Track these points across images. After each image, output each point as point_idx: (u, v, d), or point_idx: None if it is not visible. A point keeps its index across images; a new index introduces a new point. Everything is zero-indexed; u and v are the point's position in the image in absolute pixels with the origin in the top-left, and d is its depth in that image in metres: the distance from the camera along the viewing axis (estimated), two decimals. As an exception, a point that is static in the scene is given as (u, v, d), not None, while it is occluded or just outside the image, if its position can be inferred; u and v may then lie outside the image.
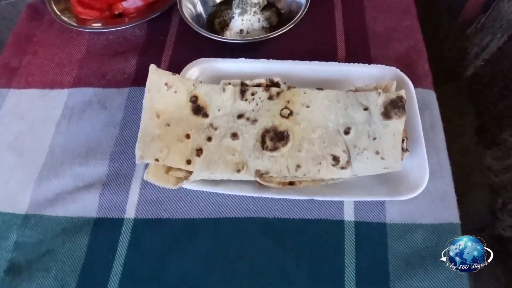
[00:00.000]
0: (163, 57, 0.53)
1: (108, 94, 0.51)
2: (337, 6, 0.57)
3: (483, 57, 0.95)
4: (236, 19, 0.48)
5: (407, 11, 0.56)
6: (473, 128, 0.99)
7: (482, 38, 0.94)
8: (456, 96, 1.07)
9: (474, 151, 0.96)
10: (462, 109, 1.04)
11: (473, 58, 0.98)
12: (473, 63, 0.98)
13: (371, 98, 0.40)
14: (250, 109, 0.42)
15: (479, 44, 0.95)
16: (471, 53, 0.98)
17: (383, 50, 0.52)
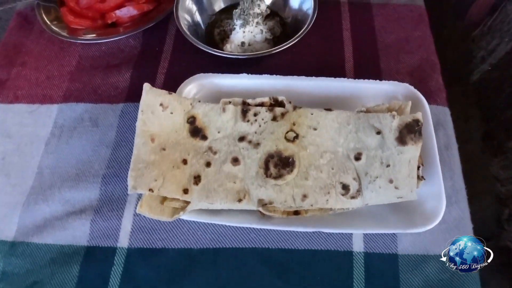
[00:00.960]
0: (159, 69, 0.50)
1: (100, 110, 0.47)
2: (344, 15, 0.53)
3: (490, 62, 0.92)
4: (237, 31, 0.45)
5: (419, 20, 0.53)
6: (480, 134, 0.96)
7: (489, 41, 0.91)
8: (462, 100, 1.03)
9: (480, 158, 0.93)
10: (468, 114, 1.01)
11: (480, 62, 0.95)
12: (480, 67, 0.94)
13: (385, 121, 0.37)
14: (253, 131, 0.39)
15: (485, 48, 0.92)
16: (477, 57, 0.95)
17: (394, 63, 0.49)
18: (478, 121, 0.97)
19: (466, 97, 0.99)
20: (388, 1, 0.55)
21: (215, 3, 0.52)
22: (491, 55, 0.90)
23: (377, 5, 0.54)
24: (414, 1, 0.55)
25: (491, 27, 0.90)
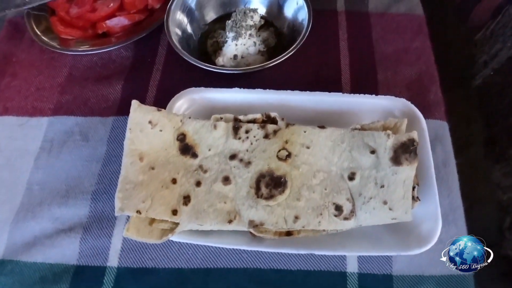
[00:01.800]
0: (151, 81, 0.49)
1: (90, 124, 0.47)
2: (341, 25, 0.52)
3: (493, 66, 0.90)
4: (229, 44, 0.43)
5: (418, 30, 0.52)
6: (481, 139, 0.95)
7: (492, 45, 0.89)
8: (464, 104, 1.02)
9: (481, 163, 0.92)
10: (469, 118, 0.99)
11: (482, 67, 0.93)
12: (482, 72, 0.93)
13: (379, 139, 0.36)
14: (244, 149, 0.38)
15: (488, 52, 0.90)
16: (480, 61, 0.93)
17: (392, 75, 0.48)
18: (480, 126, 0.96)
19: (468, 102, 0.97)
20: (386, 10, 0.53)
21: (207, 14, 0.51)
22: (494, 59, 0.88)
23: (375, 14, 0.53)
24: (413, 10, 0.53)
25: (493, 31, 0.88)
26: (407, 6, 0.54)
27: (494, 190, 0.87)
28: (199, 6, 0.49)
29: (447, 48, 0.96)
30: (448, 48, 0.98)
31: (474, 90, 0.95)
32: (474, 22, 0.93)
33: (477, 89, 0.95)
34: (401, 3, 0.54)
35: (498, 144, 0.86)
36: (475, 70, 0.95)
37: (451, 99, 0.53)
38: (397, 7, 0.54)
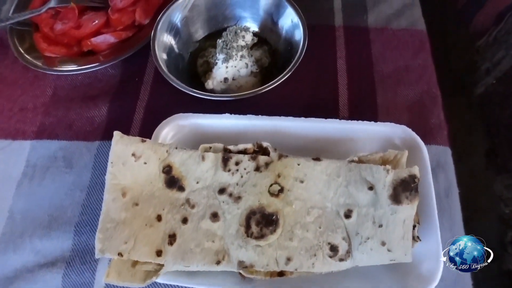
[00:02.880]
0: (139, 103, 0.47)
1: (74, 148, 0.44)
2: (339, 41, 0.49)
3: (495, 75, 0.88)
4: (219, 67, 0.41)
5: (420, 47, 0.49)
6: (483, 149, 0.93)
7: (494, 53, 0.86)
8: (465, 111, 1.00)
9: (482, 174, 0.90)
10: (471, 126, 0.97)
11: (484, 74, 0.91)
12: (484, 80, 0.91)
13: (378, 175, 0.34)
14: (234, 182, 0.36)
15: (490, 59, 0.88)
16: (482, 68, 0.91)
17: (392, 96, 0.45)
18: (481, 134, 0.94)
19: (469, 109, 0.95)
20: (386, 24, 0.51)
21: (197, 32, 0.48)
22: (496, 67, 0.86)
23: (374, 30, 0.50)
24: (415, 25, 0.51)
25: (496, 37, 0.85)
26: (408, 21, 0.51)
27: (496, 202, 0.85)
28: (187, 24, 0.46)
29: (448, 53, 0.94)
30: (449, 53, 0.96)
31: (475, 98, 0.93)
32: (476, 28, 0.90)
33: (479, 98, 0.93)
34: (402, 17, 0.51)
35: (500, 156, 0.84)
36: (477, 78, 0.93)
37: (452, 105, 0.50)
38: (397, 22, 0.51)
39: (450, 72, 0.97)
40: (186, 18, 0.45)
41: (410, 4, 0.52)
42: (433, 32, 0.55)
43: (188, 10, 0.45)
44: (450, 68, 0.99)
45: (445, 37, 1.02)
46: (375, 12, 0.52)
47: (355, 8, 0.52)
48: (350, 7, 0.52)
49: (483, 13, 0.88)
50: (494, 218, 0.88)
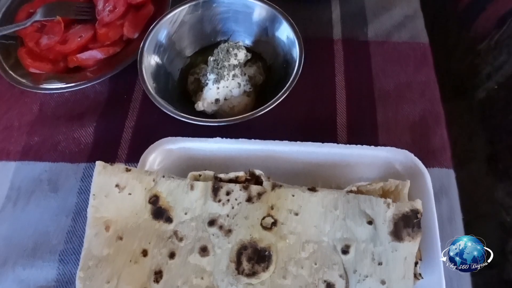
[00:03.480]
0: (127, 122, 0.44)
1: (60, 171, 0.42)
2: (337, 56, 0.47)
3: (497, 80, 0.85)
4: (210, 87, 0.39)
5: (423, 61, 0.46)
6: (484, 155, 0.91)
7: (496, 57, 0.84)
8: (465, 115, 0.98)
9: (483, 180, 0.88)
10: (471, 130, 0.95)
11: (486, 78, 0.88)
12: (486, 84, 0.88)
13: (378, 208, 0.32)
14: (225, 213, 0.34)
15: (492, 63, 0.86)
16: (483, 72, 0.89)
17: (393, 115, 0.43)
18: (482, 140, 0.92)
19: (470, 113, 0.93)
20: (387, 37, 0.48)
21: (187, 47, 0.45)
22: (498, 72, 0.84)
23: (374, 43, 0.48)
24: (417, 38, 0.48)
25: (498, 41, 0.83)
26: (410, 33, 0.49)
27: (497, 210, 0.83)
28: (177, 40, 0.44)
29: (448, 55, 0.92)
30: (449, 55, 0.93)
31: (477, 103, 0.90)
32: (478, 31, 0.88)
33: (480, 103, 0.90)
34: (404, 29, 0.49)
35: (501, 162, 0.82)
36: (478, 82, 0.90)
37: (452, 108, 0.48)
38: (399, 34, 0.49)
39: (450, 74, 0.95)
40: (175, 34, 0.43)
41: (412, 15, 0.50)
42: (433, 33, 0.52)
43: (177, 26, 0.42)
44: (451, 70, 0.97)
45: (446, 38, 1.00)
46: (375, 24, 0.49)
47: (354, 20, 0.50)
48: (349, 18, 0.50)
49: (485, 17, 0.86)
50: (495, 226, 0.86)
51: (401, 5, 0.51)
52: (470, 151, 0.94)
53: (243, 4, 0.43)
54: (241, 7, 0.43)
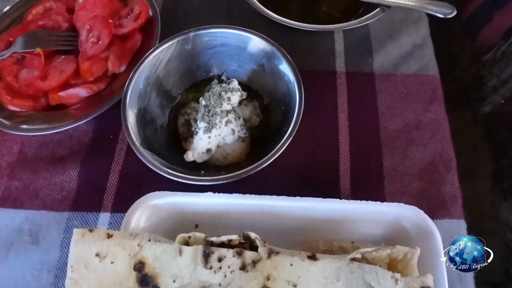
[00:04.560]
0: (113, 165, 0.41)
1: (41, 220, 0.39)
2: (341, 91, 0.43)
3: (503, 94, 0.82)
4: (200, 137, 0.35)
5: (432, 97, 0.43)
6: (489, 171, 0.88)
7: (502, 69, 0.81)
8: (470, 127, 0.94)
9: (488, 197, 0.86)
10: (476, 143, 0.92)
11: (491, 91, 0.85)
12: (491, 97, 0.85)
13: (384, 281, 0.29)
14: (216, 282, 0.31)
15: (498, 76, 0.83)
16: (488, 85, 0.86)
17: (400, 160, 0.40)
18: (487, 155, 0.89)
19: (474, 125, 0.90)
20: (394, 69, 0.45)
21: (176, 86, 0.42)
22: (505, 85, 0.81)
23: (380, 76, 0.44)
24: (426, 70, 0.45)
25: (505, 53, 0.80)
26: (418, 64, 0.45)
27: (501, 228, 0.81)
28: (165, 78, 0.40)
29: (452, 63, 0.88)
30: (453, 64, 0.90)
31: (481, 116, 0.87)
32: (483, 42, 0.84)
33: (485, 117, 0.87)
34: (412, 59, 0.45)
35: (507, 180, 0.80)
36: (483, 94, 0.87)
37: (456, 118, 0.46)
38: (407, 66, 0.45)
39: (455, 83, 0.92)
40: (164, 71, 0.39)
41: (421, 44, 0.46)
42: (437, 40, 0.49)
43: (165, 63, 0.39)
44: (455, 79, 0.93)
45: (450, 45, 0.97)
46: (381, 55, 0.46)
47: (359, 50, 0.46)
48: (353, 48, 0.46)
49: (491, 27, 0.83)
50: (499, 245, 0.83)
51: (409, 33, 0.47)
52: (474, 164, 0.91)
53: (238, 38, 0.39)
54: (236, 41, 0.40)
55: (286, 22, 0.41)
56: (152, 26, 0.46)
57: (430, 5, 0.39)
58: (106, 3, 0.46)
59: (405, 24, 0.48)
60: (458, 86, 0.95)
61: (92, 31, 0.43)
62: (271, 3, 0.48)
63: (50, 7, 0.50)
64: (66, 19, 0.47)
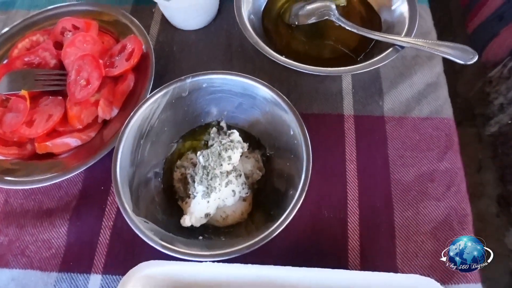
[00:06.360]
0: (104, 221, 0.38)
1: (29, 281, 0.36)
2: (349, 137, 0.40)
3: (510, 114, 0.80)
4: (198, 202, 0.32)
5: (447, 143, 0.40)
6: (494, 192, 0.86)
7: (510, 88, 0.78)
8: (474, 143, 0.92)
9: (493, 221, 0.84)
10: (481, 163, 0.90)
11: (498, 110, 0.83)
12: (498, 116, 0.83)
13: None
14: None
15: (505, 95, 0.80)
16: (495, 103, 0.83)
17: (413, 216, 0.37)
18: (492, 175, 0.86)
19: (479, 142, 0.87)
20: (406, 112, 0.42)
21: (171, 135, 0.38)
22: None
23: (391, 119, 0.41)
24: (439, 113, 0.41)
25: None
26: (432, 106, 0.42)
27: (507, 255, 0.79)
28: (160, 128, 0.37)
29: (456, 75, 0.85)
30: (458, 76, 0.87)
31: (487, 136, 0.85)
32: (489, 57, 0.81)
33: (492, 137, 0.85)
34: (424, 101, 0.42)
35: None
36: (489, 112, 0.84)
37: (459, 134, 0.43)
38: (419, 108, 0.42)
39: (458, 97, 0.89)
40: (158, 121, 0.36)
41: (434, 83, 0.43)
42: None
43: (160, 112, 0.36)
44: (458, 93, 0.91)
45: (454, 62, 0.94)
46: (392, 95, 0.42)
47: (368, 90, 0.43)
48: (362, 88, 0.43)
49: (497, 43, 0.80)
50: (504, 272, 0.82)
51: (421, 70, 0.44)
52: (479, 184, 0.89)
53: (238, 85, 0.36)
54: (236, 88, 0.37)
55: (290, 65, 0.38)
56: (146, 63, 0.43)
57: (448, 48, 0.36)
58: (96, 40, 0.43)
59: (418, 60, 0.44)
60: (462, 100, 0.92)
61: (81, 72, 0.40)
62: (274, 36, 0.45)
63: (37, 41, 0.47)
64: (54, 55, 0.44)
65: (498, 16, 0.80)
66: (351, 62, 0.43)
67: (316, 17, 0.43)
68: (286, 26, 0.47)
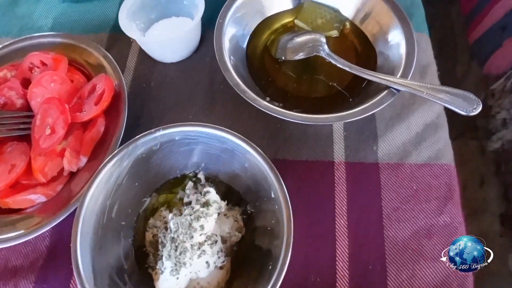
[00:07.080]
0: (72, 284, 0.35)
1: None
2: (339, 187, 0.36)
3: None
4: (166, 278, 0.28)
5: (447, 194, 0.36)
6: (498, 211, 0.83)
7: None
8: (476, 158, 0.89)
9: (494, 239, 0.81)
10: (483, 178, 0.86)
11: (501, 125, 0.79)
12: (501, 132, 0.79)
13: None
14: None
15: (508, 109, 0.76)
16: (498, 118, 0.79)
17: (408, 279, 0.33)
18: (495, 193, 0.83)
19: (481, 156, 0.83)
20: (402, 159, 0.38)
21: (141, 192, 0.35)
22: None
23: (386, 166, 0.38)
24: (440, 157, 0.38)
25: None
26: (431, 151, 0.38)
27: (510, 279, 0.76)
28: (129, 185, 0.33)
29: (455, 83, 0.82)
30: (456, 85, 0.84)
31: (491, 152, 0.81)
32: (491, 69, 0.78)
33: (495, 154, 0.81)
34: (423, 145, 0.39)
35: None
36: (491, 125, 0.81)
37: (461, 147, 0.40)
38: (417, 154, 0.38)
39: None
40: (127, 178, 0.33)
41: (434, 125, 0.39)
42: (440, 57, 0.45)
43: (128, 169, 0.32)
44: None
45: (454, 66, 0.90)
46: (387, 139, 0.39)
47: (361, 134, 0.39)
48: (355, 132, 0.39)
49: (500, 54, 0.76)
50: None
51: (420, 109, 0.40)
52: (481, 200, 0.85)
53: (215, 138, 0.32)
54: (213, 141, 0.33)
55: (272, 112, 0.34)
56: (119, 104, 0.39)
57: (448, 95, 0.32)
58: (65, 79, 0.39)
59: (416, 98, 0.40)
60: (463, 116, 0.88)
61: (46, 118, 0.37)
62: (260, 72, 0.41)
63: (4, 77, 0.43)
64: (20, 95, 0.40)
65: (501, 27, 0.76)
66: (343, 101, 0.39)
67: (304, 53, 0.40)
68: (272, 59, 0.43)
